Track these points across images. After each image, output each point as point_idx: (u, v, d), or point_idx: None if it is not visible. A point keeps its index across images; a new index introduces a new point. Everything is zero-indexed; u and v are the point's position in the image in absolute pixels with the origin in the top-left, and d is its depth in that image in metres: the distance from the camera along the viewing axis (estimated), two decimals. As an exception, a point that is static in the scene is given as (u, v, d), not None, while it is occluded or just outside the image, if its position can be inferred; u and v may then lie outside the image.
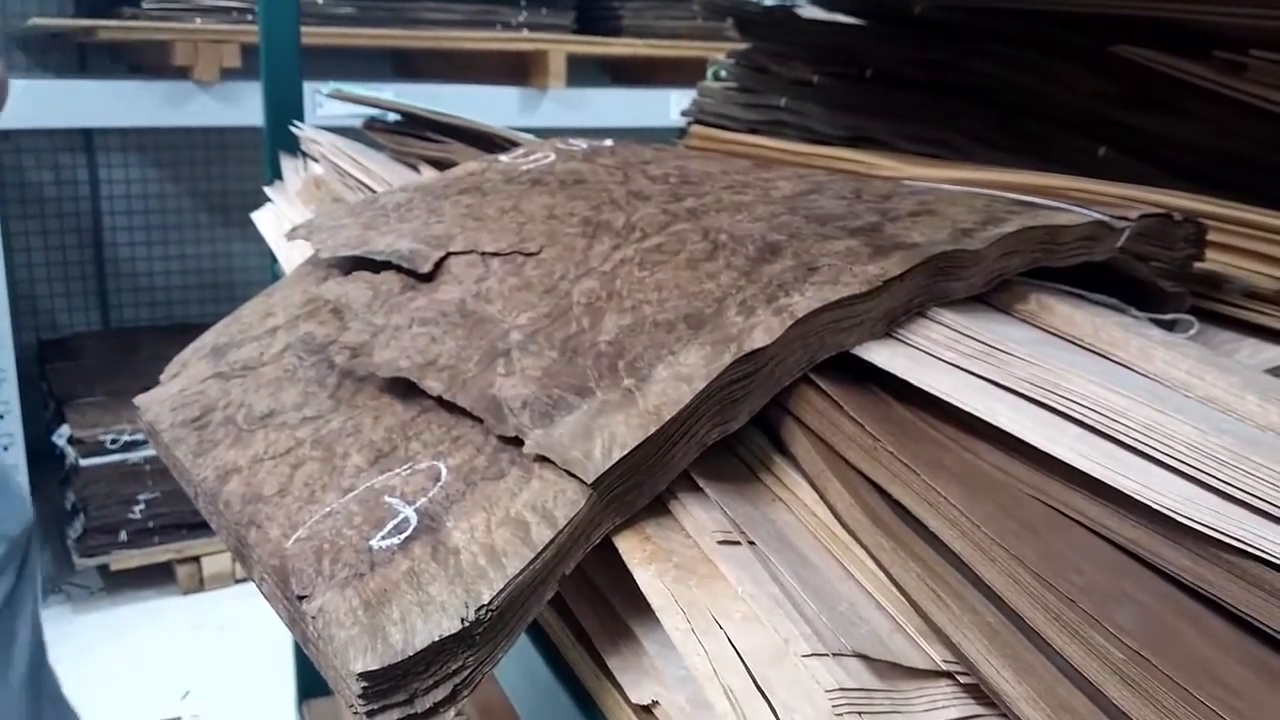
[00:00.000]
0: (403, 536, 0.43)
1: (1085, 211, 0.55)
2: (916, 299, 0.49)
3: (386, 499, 0.45)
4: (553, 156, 0.72)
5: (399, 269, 0.61)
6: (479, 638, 0.39)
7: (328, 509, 0.46)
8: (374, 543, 0.43)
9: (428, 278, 0.59)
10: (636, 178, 0.65)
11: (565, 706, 0.46)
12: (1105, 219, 0.54)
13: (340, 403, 0.53)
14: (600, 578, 0.47)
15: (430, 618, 0.38)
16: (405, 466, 0.47)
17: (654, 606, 0.40)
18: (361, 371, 0.54)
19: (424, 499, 0.44)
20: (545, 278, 0.55)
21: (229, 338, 0.63)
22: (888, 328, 0.49)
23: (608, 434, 0.42)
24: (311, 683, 1.39)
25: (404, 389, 0.52)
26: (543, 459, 0.44)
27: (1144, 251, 0.55)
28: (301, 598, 0.42)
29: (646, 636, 0.44)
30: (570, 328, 0.50)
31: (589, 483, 0.41)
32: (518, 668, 0.51)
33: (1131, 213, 0.55)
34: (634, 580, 0.43)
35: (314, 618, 0.40)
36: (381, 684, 0.38)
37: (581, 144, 0.76)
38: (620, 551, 0.43)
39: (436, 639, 0.38)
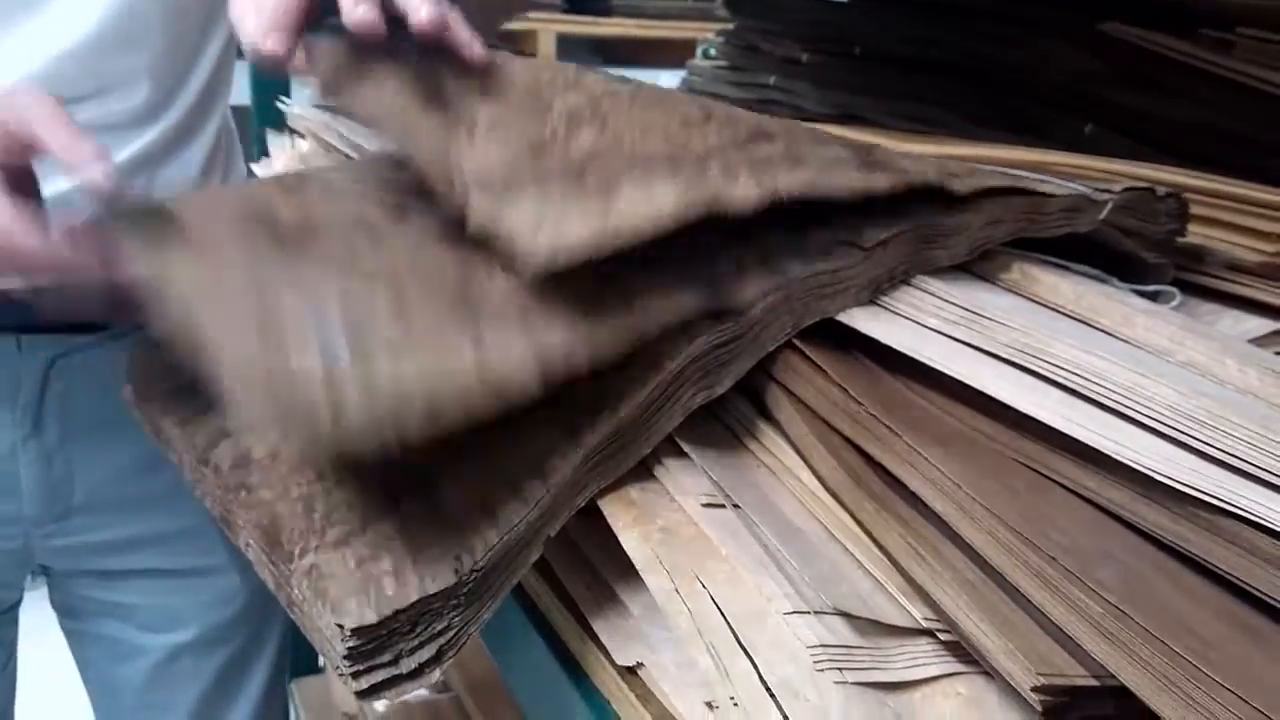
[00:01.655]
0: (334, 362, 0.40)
1: (1069, 185, 0.55)
2: (901, 266, 0.50)
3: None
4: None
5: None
6: (464, 597, 0.39)
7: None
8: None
9: None
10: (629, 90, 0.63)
11: (551, 669, 0.46)
12: (1088, 192, 0.54)
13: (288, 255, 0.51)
14: (585, 543, 0.47)
15: (424, 571, 0.38)
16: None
17: (639, 567, 0.40)
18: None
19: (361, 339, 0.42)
20: (529, 84, 0.51)
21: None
22: (872, 295, 0.49)
23: (559, 223, 0.39)
24: (301, 661, 1.39)
25: None
26: None
27: (1128, 225, 0.56)
28: (293, 554, 0.42)
29: (631, 600, 0.44)
30: (543, 130, 0.46)
31: (535, 259, 0.38)
32: (503, 632, 0.52)
33: (1115, 186, 0.55)
34: (619, 545, 0.43)
35: (306, 574, 0.40)
36: (367, 644, 0.38)
37: None
38: (606, 515, 0.44)
39: (432, 592, 0.38)
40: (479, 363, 0.37)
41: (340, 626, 0.37)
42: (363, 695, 0.38)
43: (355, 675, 0.38)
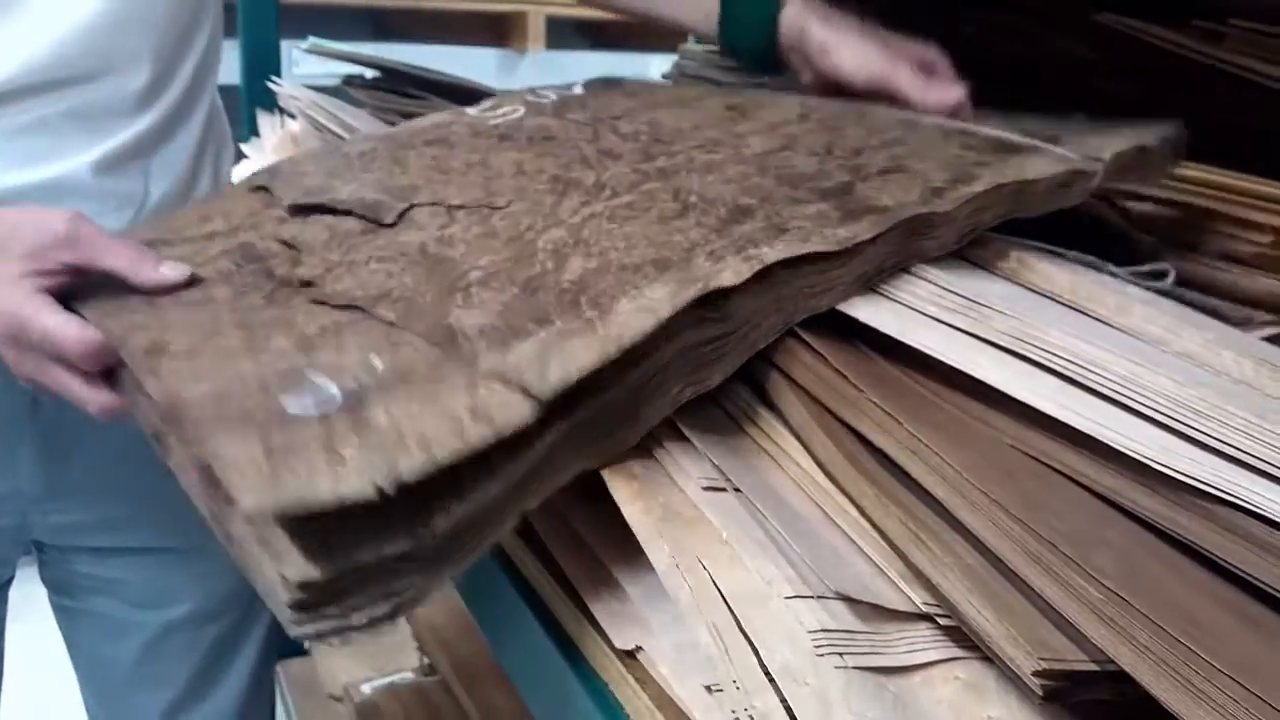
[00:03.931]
0: (326, 407, 0.39)
1: (1057, 150, 0.55)
2: (890, 261, 0.50)
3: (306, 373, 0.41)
4: (522, 111, 0.71)
5: (360, 216, 0.59)
6: (424, 561, 0.37)
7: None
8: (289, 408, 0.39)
9: (389, 225, 0.58)
10: (606, 135, 0.65)
11: (549, 653, 0.47)
12: (1076, 161, 0.54)
13: (275, 304, 0.50)
14: (584, 527, 0.48)
15: (380, 532, 0.36)
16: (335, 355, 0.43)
17: (640, 540, 0.40)
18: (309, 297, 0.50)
19: (354, 383, 0.40)
20: (511, 228, 0.53)
21: (158, 234, 0.59)
22: (862, 289, 0.49)
23: (564, 356, 0.41)
24: (288, 642, 1.39)
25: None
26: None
27: (1127, 187, 0.56)
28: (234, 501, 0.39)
29: (631, 584, 0.45)
30: (534, 269, 0.48)
31: (541, 400, 0.39)
32: (500, 615, 0.52)
33: (1104, 153, 0.56)
34: (619, 531, 0.43)
35: (249, 520, 0.36)
36: (313, 598, 0.36)
37: (551, 95, 0.75)
38: (609, 486, 0.43)
39: (387, 554, 0.36)
40: (473, 400, 0.38)
41: (284, 577, 0.35)
42: (306, 638, 0.36)
43: (299, 623, 0.36)
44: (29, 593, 0.87)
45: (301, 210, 0.58)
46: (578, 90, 0.76)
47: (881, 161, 0.56)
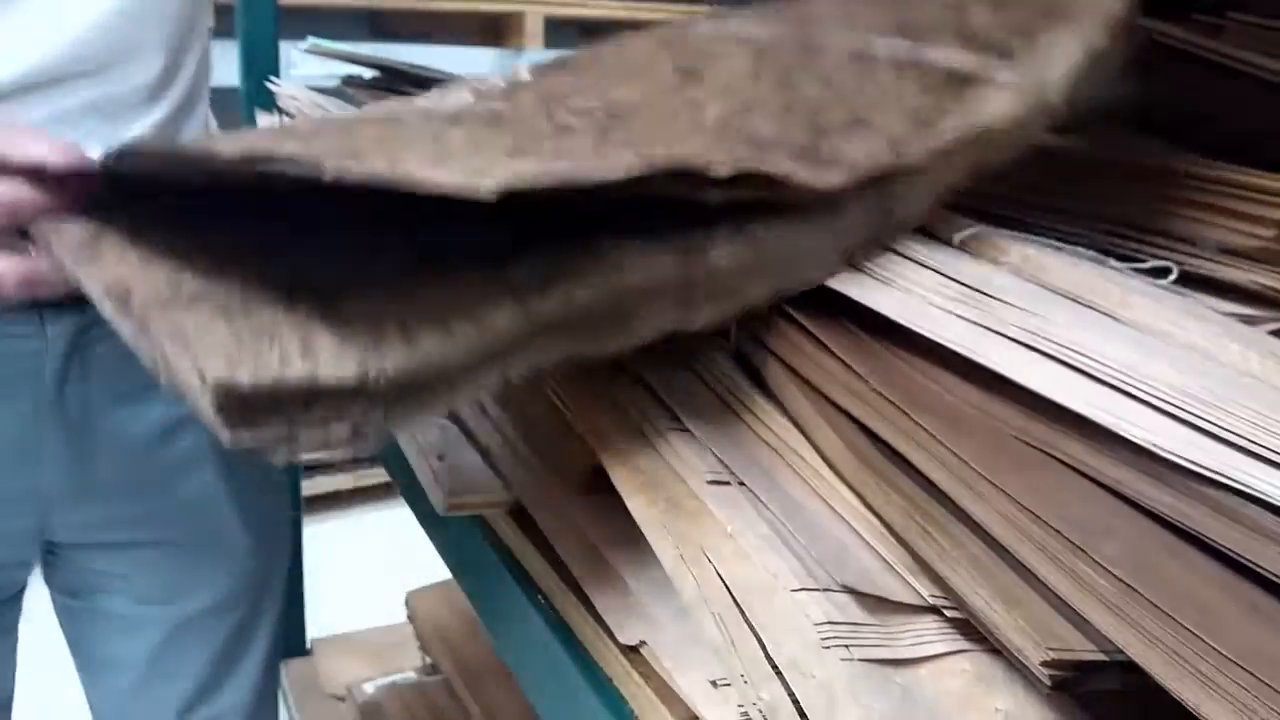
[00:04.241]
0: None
1: (1011, 78, 0.54)
2: (871, 227, 0.49)
3: None
4: (470, 99, 0.70)
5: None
6: (373, 398, 0.35)
7: None
8: None
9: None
10: (560, 113, 0.64)
11: (552, 649, 0.47)
12: (1034, 94, 0.54)
13: None
14: (587, 522, 0.47)
15: (319, 357, 0.34)
16: None
17: (645, 532, 0.40)
18: None
19: None
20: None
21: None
22: (849, 263, 0.49)
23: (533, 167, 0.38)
24: (290, 642, 1.39)
25: None
26: None
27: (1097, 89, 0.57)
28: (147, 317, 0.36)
29: (634, 579, 0.45)
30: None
31: (498, 184, 0.35)
32: (502, 611, 0.52)
33: (1054, 72, 0.55)
34: (622, 525, 0.43)
35: (169, 335, 0.35)
36: (243, 409, 0.33)
37: (499, 83, 0.74)
38: (612, 478, 0.43)
39: (325, 376, 0.33)
40: (428, 165, 0.35)
41: (203, 377, 0.32)
42: (244, 445, 0.34)
43: (234, 430, 0.33)
44: (32, 592, 0.87)
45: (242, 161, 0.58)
46: (525, 76, 0.75)
47: (842, 117, 0.55)
